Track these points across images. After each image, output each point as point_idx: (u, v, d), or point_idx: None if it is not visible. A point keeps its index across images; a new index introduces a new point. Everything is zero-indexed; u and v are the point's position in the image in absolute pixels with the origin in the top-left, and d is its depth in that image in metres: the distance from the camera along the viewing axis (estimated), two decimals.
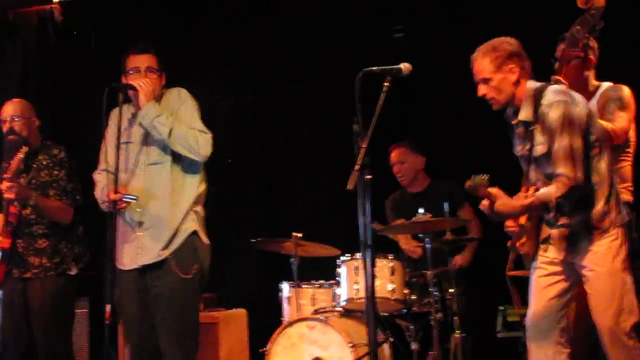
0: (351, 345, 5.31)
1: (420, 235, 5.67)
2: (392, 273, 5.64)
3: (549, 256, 4.10)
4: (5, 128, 5.39)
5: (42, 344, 5.29)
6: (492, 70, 4.03)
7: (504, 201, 3.90)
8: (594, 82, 4.74)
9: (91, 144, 4.60)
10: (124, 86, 4.70)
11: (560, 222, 4.00)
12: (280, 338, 5.54)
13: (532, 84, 4.02)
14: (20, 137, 5.38)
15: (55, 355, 5.33)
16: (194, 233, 4.72)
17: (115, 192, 4.50)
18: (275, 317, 6.05)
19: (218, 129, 4.91)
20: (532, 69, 4.06)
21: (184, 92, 4.84)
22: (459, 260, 6.05)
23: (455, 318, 5.60)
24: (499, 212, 3.91)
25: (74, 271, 5.49)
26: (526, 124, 4.02)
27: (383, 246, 6.39)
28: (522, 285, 5.09)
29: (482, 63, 4.06)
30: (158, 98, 4.76)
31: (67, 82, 7.89)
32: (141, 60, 4.75)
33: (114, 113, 4.81)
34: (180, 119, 4.68)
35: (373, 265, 3.97)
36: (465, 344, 5.65)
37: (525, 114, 4.00)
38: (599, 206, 3.92)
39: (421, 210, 5.66)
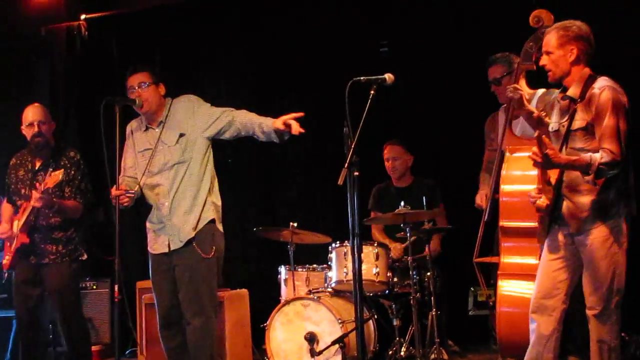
0: (340, 321, 5.29)
1: (401, 225, 5.63)
2: (377, 258, 5.62)
3: (560, 237, 4.03)
4: (32, 130, 5.34)
5: (62, 320, 5.29)
6: (555, 45, 3.96)
7: (555, 151, 3.81)
8: (528, 90, 4.80)
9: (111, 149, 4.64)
10: (120, 100, 4.77)
11: (574, 199, 3.94)
12: (278, 315, 5.53)
13: (588, 71, 3.97)
14: (44, 139, 5.36)
15: (74, 328, 5.35)
16: (212, 221, 4.84)
17: (117, 189, 4.62)
18: (274, 296, 6.04)
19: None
20: (593, 57, 4.00)
21: (192, 97, 4.96)
22: (429, 250, 5.97)
23: (431, 298, 5.57)
24: (551, 159, 3.77)
25: (84, 256, 5.56)
26: (572, 100, 3.95)
27: (369, 235, 6.39)
28: (486, 270, 5.10)
29: (550, 37, 3.99)
30: (157, 105, 4.88)
31: (92, 92, 7.84)
32: (134, 80, 4.87)
33: (128, 128, 5.02)
34: (203, 120, 4.83)
35: (360, 251, 3.96)
36: (440, 320, 5.63)
37: (573, 91, 3.95)
38: (613, 192, 3.88)
39: (402, 204, 5.65)
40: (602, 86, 3.87)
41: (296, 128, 4.56)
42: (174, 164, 4.80)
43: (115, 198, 4.59)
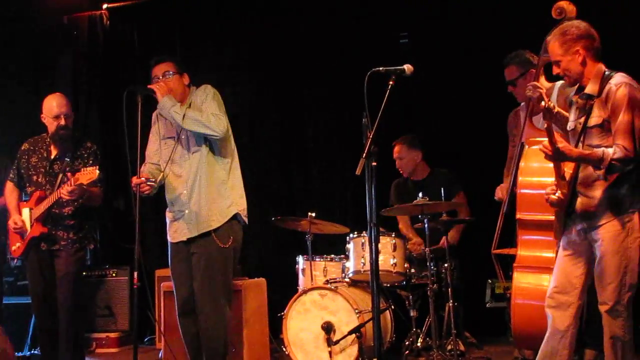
0: (357, 311, 5.29)
1: (419, 216, 5.62)
2: (394, 249, 5.62)
3: (573, 237, 4.00)
4: (57, 122, 5.33)
5: (64, 305, 5.28)
6: (561, 53, 3.94)
7: (565, 144, 3.79)
8: (547, 84, 4.78)
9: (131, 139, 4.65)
10: (141, 89, 4.78)
11: (588, 194, 3.91)
12: (295, 304, 5.54)
13: (603, 67, 3.94)
14: (69, 131, 5.38)
15: (75, 314, 5.31)
16: (234, 216, 4.85)
17: (138, 177, 4.65)
18: (291, 286, 6.05)
19: (244, 125, 4.92)
20: (600, 50, 3.95)
21: (208, 87, 4.94)
22: (447, 240, 5.98)
23: (449, 289, 5.56)
24: (561, 152, 3.75)
25: (92, 246, 5.66)
26: (589, 97, 3.92)
27: (387, 225, 6.38)
28: (505, 262, 5.07)
29: (553, 46, 3.97)
30: (181, 95, 4.88)
31: (114, 80, 7.90)
32: (158, 70, 4.89)
33: (154, 116, 5.01)
34: (201, 109, 4.81)
35: (377, 241, 3.95)
36: (457, 312, 5.62)
37: (591, 88, 3.91)
38: (626, 187, 3.84)
39: (420, 195, 5.63)
40: (619, 82, 3.83)
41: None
42: (193, 152, 4.82)
43: (136, 186, 4.61)
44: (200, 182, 4.79)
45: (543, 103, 3.79)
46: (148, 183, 4.66)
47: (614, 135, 3.80)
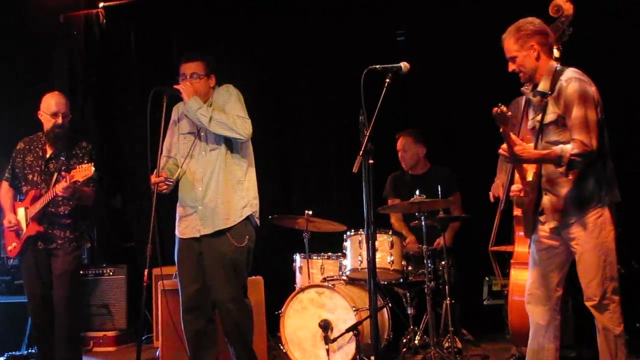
0: (355, 309, 5.29)
1: (416, 213, 5.62)
2: (392, 247, 5.62)
3: (546, 229, 4.01)
4: (55, 121, 5.32)
5: (62, 304, 5.26)
6: (517, 48, 3.97)
7: (523, 147, 3.83)
8: None
9: (129, 135, 4.63)
10: (167, 89, 4.80)
11: (555, 192, 3.92)
12: (293, 302, 5.54)
13: (554, 64, 3.97)
14: (65, 130, 5.38)
15: (72, 312, 5.30)
16: (249, 217, 4.87)
17: (157, 175, 4.64)
18: (289, 284, 6.05)
19: None
20: (552, 47, 4.01)
21: (230, 88, 4.97)
22: (440, 240, 5.96)
23: (446, 287, 5.56)
24: (518, 156, 3.80)
25: (88, 244, 5.72)
26: (543, 95, 3.94)
27: (384, 223, 6.38)
28: (502, 259, 5.08)
29: (509, 42, 4.00)
30: (206, 96, 4.89)
31: (110, 79, 7.88)
32: (187, 68, 4.88)
33: (175, 110, 5.03)
34: (224, 109, 4.81)
35: (374, 239, 3.95)
36: (454, 309, 5.62)
37: (543, 85, 3.94)
38: (592, 182, 3.85)
39: (417, 192, 5.64)
40: (569, 78, 3.85)
41: None
42: (211, 150, 4.83)
43: (154, 185, 4.62)
44: (218, 180, 4.79)
45: (495, 108, 3.80)
46: (166, 182, 4.68)
47: (570, 131, 3.82)
